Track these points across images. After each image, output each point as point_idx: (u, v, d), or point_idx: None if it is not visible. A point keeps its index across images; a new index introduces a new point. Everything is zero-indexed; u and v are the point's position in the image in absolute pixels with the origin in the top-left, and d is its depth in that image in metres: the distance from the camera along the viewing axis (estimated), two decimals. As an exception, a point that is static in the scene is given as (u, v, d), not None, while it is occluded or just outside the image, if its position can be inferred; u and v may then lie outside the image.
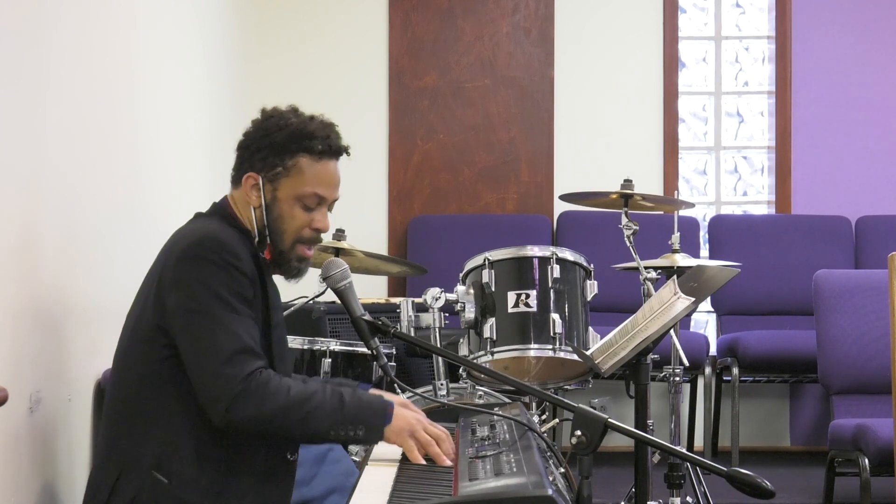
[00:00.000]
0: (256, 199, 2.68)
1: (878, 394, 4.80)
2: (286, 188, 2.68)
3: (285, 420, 2.50)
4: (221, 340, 2.49)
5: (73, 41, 3.14)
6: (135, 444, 2.58)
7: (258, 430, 2.53)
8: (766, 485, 2.07)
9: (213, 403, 2.49)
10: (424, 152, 6.54)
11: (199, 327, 2.51)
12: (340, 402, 2.53)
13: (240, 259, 2.57)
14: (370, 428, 2.53)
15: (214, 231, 2.61)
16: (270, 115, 2.73)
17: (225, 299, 2.52)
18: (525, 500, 1.99)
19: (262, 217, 2.68)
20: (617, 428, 2.25)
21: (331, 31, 6.55)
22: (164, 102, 4.29)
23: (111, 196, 3.52)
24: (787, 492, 5.33)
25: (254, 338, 2.55)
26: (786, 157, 6.58)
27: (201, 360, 2.51)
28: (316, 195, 2.69)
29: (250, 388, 2.48)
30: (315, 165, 2.69)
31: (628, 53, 6.58)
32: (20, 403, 2.69)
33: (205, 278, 2.53)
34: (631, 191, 4.25)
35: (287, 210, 2.68)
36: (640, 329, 3.13)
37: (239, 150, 2.75)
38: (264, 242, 2.69)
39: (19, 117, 2.71)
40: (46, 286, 2.91)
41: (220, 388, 2.48)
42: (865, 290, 4.99)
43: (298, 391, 2.52)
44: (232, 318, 2.52)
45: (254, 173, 2.68)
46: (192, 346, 2.52)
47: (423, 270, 4.57)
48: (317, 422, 2.51)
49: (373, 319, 2.67)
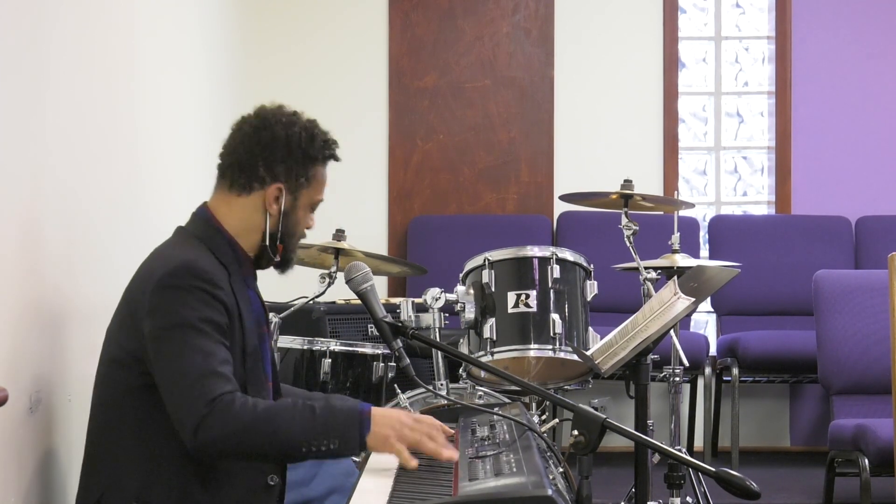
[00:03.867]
0: (276, 209, 2.67)
1: (878, 394, 4.80)
2: (305, 198, 2.70)
3: (253, 438, 2.42)
4: (189, 364, 2.46)
5: (73, 41, 3.14)
6: (116, 471, 2.58)
7: (228, 452, 2.46)
8: (753, 486, 2.10)
9: (182, 427, 2.45)
10: (424, 152, 6.54)
11: (170, 353, 2.49)
12: (311, 414, 2.43)
13: (216, 286, 2.55)
14: (345, 439, 2.41)
15: (191, 259, 2.58)
16: (284, 121, 2.70)
17: (196, 326, 2.49)
18: (525, 500, 1.99)
19: (276, 225, 2.68)
20: (614, 428, 2.25)
21: (331, 31, 6.55)
22: (165, 102, 4.28)
23: (111, 196, 3.52)
24: (787, 492, 5.33)
25: (226, 362, 2.50)
26: (786, 157, 6.58)
27: (171, 385, 2.48)
28: (321, 200, 2.75)
29: (215, 409, 2.41)
30: (322, 172, 2.73)
31: (628, 54, 6.58)
32: (20, 403, 2.69)
33: (178, 306, 2.51)
34: (631, 191, 4.25)
35: (302, 216, 2.71)
36: (640, 329, 3.13)
37: (249, 155, 2.68)
38: (275, 246, 2.69)
39: (19, 117, 2.71)
40: (46, 286, 2.91)
41: (187, 411, 2.43)
42: (865, 291, 4.99)
43: (266, 408, 2.45)
44: (203, 342, 2.48)
45: (281, 184, 2.66)
46: (164, 371, 2.50)
47: (423, 271, 4.57)
48: (287, 437, 2.42)
49: (394, 321, 2.69)
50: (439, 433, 2.45)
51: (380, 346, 4.12)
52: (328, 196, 2.82)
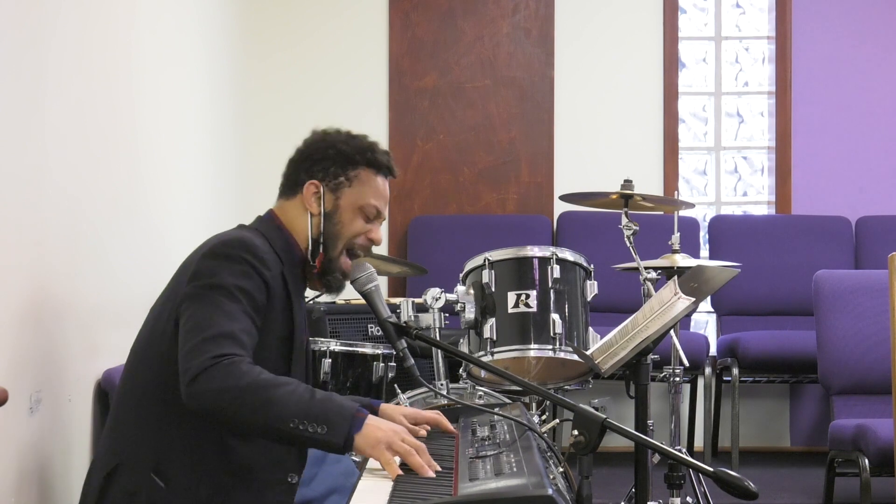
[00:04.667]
0: (316, 207, 2.72)
1: (878, 394, 4.80)
2: (349, 197, 2.73)
3: (246, 400, 2.39)
4: (211, 322, 2.48)
5: (73, 41, 3.14)
6: (136, 442, 2.58)
7: (219, 407, 2.41)
8: (751, 486, 2.10)
9: (183, 374, 2.44)
10: (424, 152, 6.54)
11: (198, 309, 2.51)
12: (310, 396, 2.43)
13: (264, 264, 2.59)
14: (333, 429, 2.39)
15: (247, 237, 2.63)
16: (328, 131, 2.80)
17: (231, 291, 2.52)
18: (525, 500, 1.99)
19: (319, 224, 2.72)
20: (614, 428, 2.25)
21: (331, 31, 6.56)
22: (165, 102, 4.29)
23: (111, 196, 3.52)
24: (787, 492, 5.33)
25: (247, 332, 2.51)
26: (786, 157, 6.58)
27: (187, 335, 2.49)
28: (375, 207, 2.76)
29: (220, 363, 2.42)
30: (375, 179, 2.77)
31: (628, 54, 6.58)
32: (20, 403, 2.69)
33: (221, 270, 2.55)
34: (631, 191, 4.25)
35: (348, 218, 2.73)
36: (640, 329, 3.13)
37: (292, 163, 2.79)
38: (318, 249, 2.72)
39: (19, 118, 2.71)
40: (47, 287, 2.91)
41: (192, 360, 2.44)
42: (865, 291, 4.99)
43: (269, 377, 2.44)
44: (232, 308, 2.51)
45: (316, 181, 2.73)
46: (186, 322, 2.51)
47: (424, 271, 4.57)
48: (279, 409, 2.39)
49: (398, 321, 2.70)
50: (426, 453, 2.41)
51: (380, 346, 4.12)
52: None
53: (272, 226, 2.74)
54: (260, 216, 2.79)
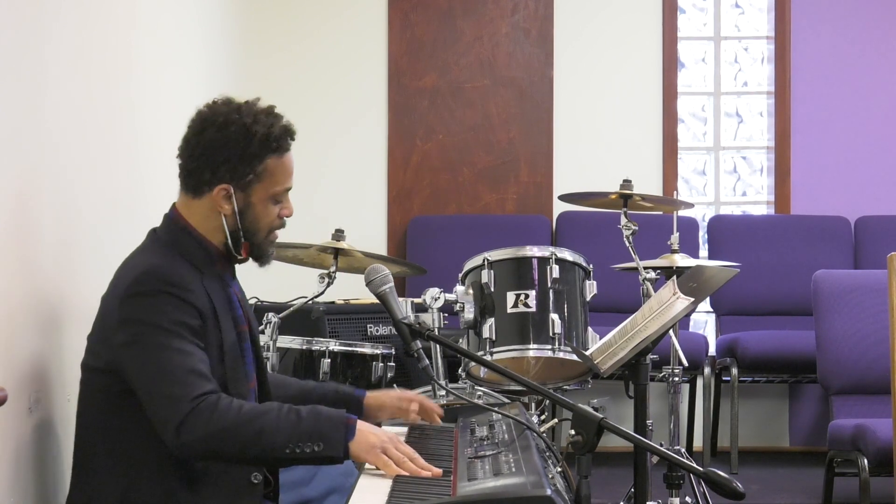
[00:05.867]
0: (229, 208, 2.65)
1: (877, 394, 4.80)
2: (259, 192, 2.67)
3: (237, 438, 2.42)
4: (168, 363, 2.46)
5: (73, 41, 3.14)
6: (100, 476, 2.59)
7: (211, 452, 2.46)
8: (738, 487, 2.15)
9: (164, 426, 2.45)
10: (424, 152, 6.54)
11: (147, 357, 2.48)
12: (297, 417, 2.44)
13: (184, 288, 2.55)
14: (329, 443, 2.42)
15: (157, 264, 2.58)
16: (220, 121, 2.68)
17: (169, 329, 2.49)
18: (524, 500, 1.99)
19: (234, 223, 2.67)
20: (610, 428, 2.25)
21: (330, 30, 6.55)
22: (164, 102, 4.28)
23: (110, 196, 3.52)
24: (786, 492, 5.33)
25: (203, 362, 2.51)
26: (785, 157, 6.58)
27: (150, 386, 2.47)
28: (285, 189, 2.71)
29: (200, 407, 2.42)
30: (280, 162, 2.68)
31: (627, 54, 6.58)
32: (20, 403, 2.69)
33: (148, 312, 2.51)
34: (630, 191, 4.25)
35: (262, 210, 2.68)
36: (639, 329, 3.13)
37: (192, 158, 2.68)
38: (239, 244, 2.68)
39: (18, 117, 2.71)
40: (46, 286, 2.91)
41: (169, 409, 2.43)
42: (865, 291, 4.99)
43: (251, 409, 2.46)
44: (178, 343, 2.49)
45: (225, 185, 2.65)
46: (142, 374, 2.49)
47: (423, 271, 4.57)
48: (271, 438, 2.42)
49: (412, 323, 2.70)
50: (419, 459, 2.44)
51: (378, 345, 4.13)
52: (327, 195, 2.83)
53: (180, 231, 2.68)
54: (165, 216, 2.71)
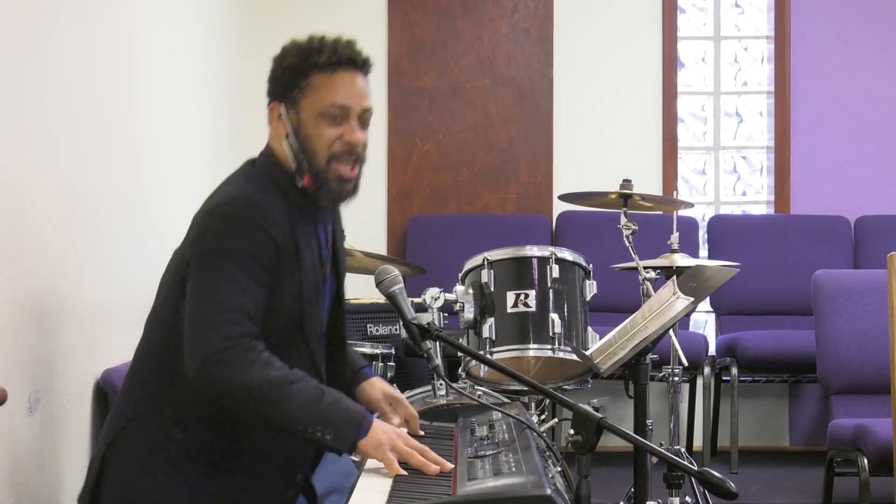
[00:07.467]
0: (284, 128, 2.64)
1: (877, 394, 4.81)
2: (307, 108, 2.62)
3: (256, 397, 2.40)
4: (219, 293, 2.43)
5: (73, 41, 3.14)
6: (154, 396, 2.55)
7: (227, 397, 2.41)
8: (732, 487, 2.16)
9: (191, 353, 2.41)
10: (424, 152, 6.54)
11: (203, 278, 2.46)
12: (319, 398, 2.43)
13: (269, 221, 2.52)
14: (339, 437, 2.42)
15: (248, 191, 2.56)
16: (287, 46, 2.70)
17: (240, 259, 2.46)
18: (524, 499, 1.99)
19: (294, 143, 2.63)
20: (609, 427, 2.26)
21: (330, 30, 6.51)
22: (164, 102, 4.29)
23: (111, 196, 3.52)
24: (786, 492, 5.33)
25: (257, 302, 2.47)
26: (785, 157, 6.59)
27: (194, 306, 2.44)
28: (335, 105, 2.62)
29: (232, 350, 2.40)
30: (329, 78, 2.64)
31: (628, 53, 6.58)
32: (20, 403, 2.69)
33: (221, 235, 2.49)
34: (630, 191, 4.25)
35: (314, 129, 2.62)
36: (639, 329, 3.14)
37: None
38: (302, 169, 2.63)
39: (19, 117, 2.71)
40: (46, 286, 2.91)
41: (201, 338, 2.41)
42: (864, 290, 4.99)
43: (280, 373, 2.43)
44: (241, 276, 2.45)
45: (275, 102, 2.66)
46: (192, 293, 2.46)
47: (423, 270, 4.57)
48: (287, 410, 2.40)
49: (422, 323, 2.70)
50: (429, 453, 2.43)
51: (378, 345, 4.12)
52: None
53: (271, 162, 2.66)
54: (262, 151, 2.70)
